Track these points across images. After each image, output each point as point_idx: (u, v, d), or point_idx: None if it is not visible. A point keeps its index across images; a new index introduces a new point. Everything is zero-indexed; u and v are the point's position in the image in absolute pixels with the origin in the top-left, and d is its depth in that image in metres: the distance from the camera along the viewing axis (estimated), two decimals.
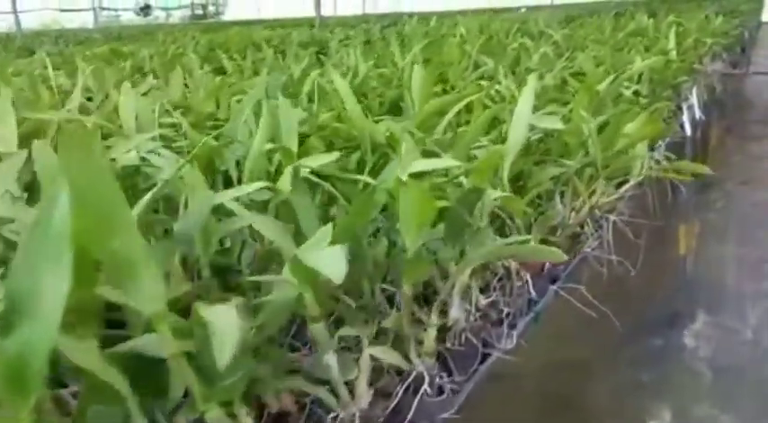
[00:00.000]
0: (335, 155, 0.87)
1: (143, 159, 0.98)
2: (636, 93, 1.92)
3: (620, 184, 1.41)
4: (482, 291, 0.93)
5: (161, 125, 1.33)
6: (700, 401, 1.89)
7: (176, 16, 26.40)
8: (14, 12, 10.07)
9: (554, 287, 1.06)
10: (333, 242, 0.59)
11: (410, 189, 0.61)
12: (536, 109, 1.68)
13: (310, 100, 1.72)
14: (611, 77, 1.72)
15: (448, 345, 0.78)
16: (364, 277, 0.73)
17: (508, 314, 0.92)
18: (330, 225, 0.60)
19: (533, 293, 1.00)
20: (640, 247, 1.47)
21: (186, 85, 1.94)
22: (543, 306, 1.02)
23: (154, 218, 0.80)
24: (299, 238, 0.66)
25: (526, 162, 1.26)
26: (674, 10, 4.88)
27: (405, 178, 0.65)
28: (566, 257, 0.66)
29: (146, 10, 26.79)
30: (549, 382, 1.86)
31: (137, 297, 0.43)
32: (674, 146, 2.20)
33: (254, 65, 2.56)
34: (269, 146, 0.92)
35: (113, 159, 0.96)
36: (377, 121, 1.47)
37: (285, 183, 0.84)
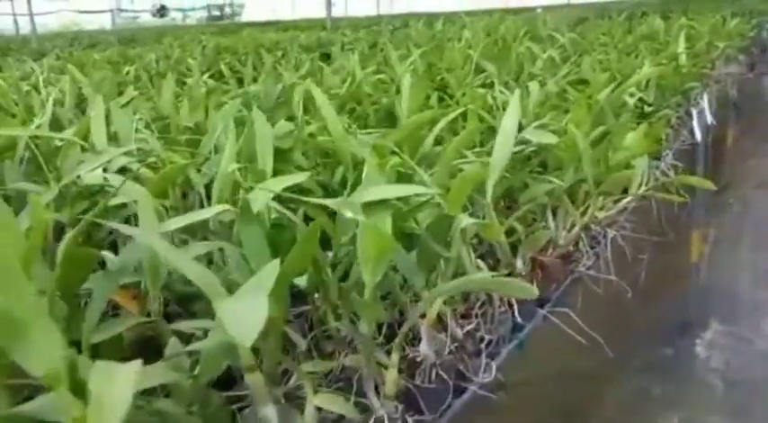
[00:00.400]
0: (304, 175, 0.82)
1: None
2: (641, 100, 1.85)
3: (621, 198, 1.35)
4: (463, 316, 0.88)
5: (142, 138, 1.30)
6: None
7: (193, 18, 26.54)
8: (30, 14, 10.14)
9: (543, 311, 1.01)
10: (279, 278, 0.54)
11: (366, 229, 0.57)
12: (536, 117, 1.63)
13: (306, 110, 1.68)
14: (613, 85, 1.66)
15: (417, 381, 0.73)
16: (324, 311, 0.68)
17: (489, 343, 0.87)
18: (277, 261, 0.55)
19: (519, 319, 0.94)
20: (642, 261, 1.41)
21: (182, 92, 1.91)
22: (529, 332, 0.96)
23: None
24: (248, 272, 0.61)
25: (518, 177, 1.21)
26: (690, 11, 4.79)
27: (360, 214, 0.60)
28: (536, 293, 0.60)
29: (162, 11, 26.95)
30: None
31: (27, 357, 0.38)
32: (684, 153, 2.13)
33: (255, 70, 2.52)
34: (236, 166, 0.88)
35: (78, 177, 0.92)
36: (369, 132, 1.43)
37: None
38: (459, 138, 0.92)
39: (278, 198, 0.91)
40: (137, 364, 0.40)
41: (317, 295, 0.73)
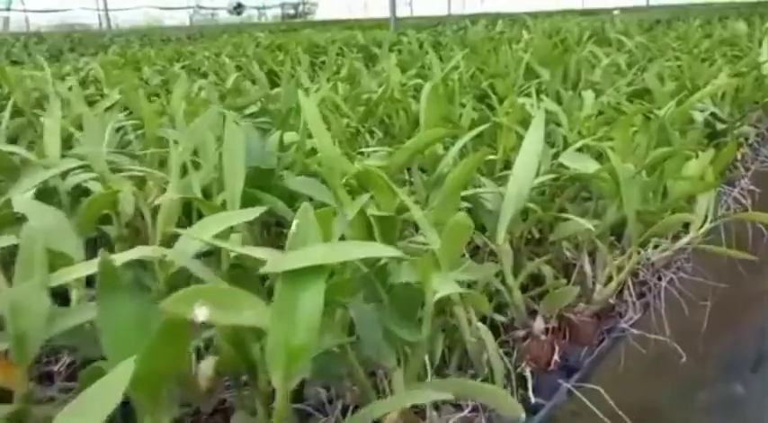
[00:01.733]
0: (257, 211, 0.64)
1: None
2: (713, 116, 1.61)
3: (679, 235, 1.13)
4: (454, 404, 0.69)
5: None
6: None
7: (269, 15, 26.92)
8: (105, 9, 10.39)
9: (567, 385, 0.80)
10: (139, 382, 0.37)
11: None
12: (589, 133, 1.42)
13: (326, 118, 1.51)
14: (678, 98, 1.42)
15: None
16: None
17: None
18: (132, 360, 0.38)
19: (533, 398, 0.75)
20: (704, 315, 1.18)
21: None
22: (547, 416, 0.76)
23: None
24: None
25: (549, 210, 1.00)
26: None
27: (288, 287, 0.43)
28: (523, 416, 0.41)
29: (238, 9, 27.47)
30: None
31: None
32: (764, 177, 1.86)
33: (294, 70, 2.38)
34: (177, 196, 0.71)
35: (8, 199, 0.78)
36: (377, 149, 1.24)
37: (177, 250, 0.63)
38: (467, 163, 0.73)
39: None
40: None
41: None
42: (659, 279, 1.12)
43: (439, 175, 0.99)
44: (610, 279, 0.87)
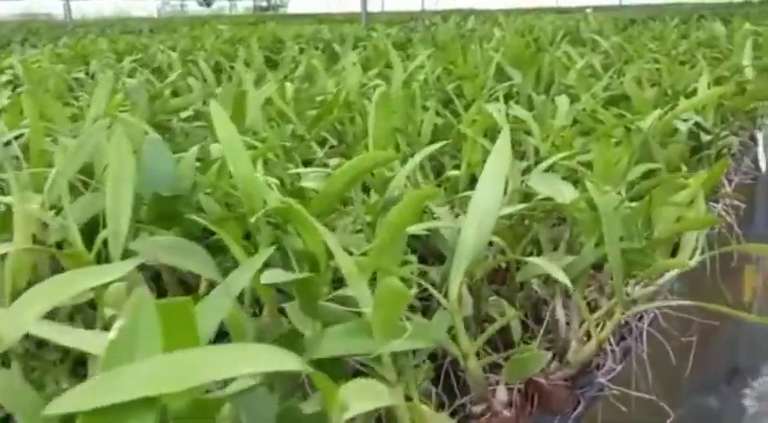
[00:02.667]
0: (127, 264, 0.48)
1: None
2: (697, 125, 1.47)
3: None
4: None
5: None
6: None
7: (240, 7, 26.53)
8: None
9: None
10: None
11: None
12: (564, 144, 1.27)
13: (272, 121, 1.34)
14: (663, 109, 1.28)
15: None
16: None
17: None
18: None
19: None
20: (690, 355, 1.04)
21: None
22: None
23: None
24: None
25: (517, 237, 0.86)
26: (753, 16, 4.31)
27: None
28: None
29: (208, 1, 27.12)
30: None
31: None
32: (746, 189, 1.74)
33: (248, 67, 2.20)
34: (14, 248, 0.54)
35: None
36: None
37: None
38: (410, 199, 0.58)
39: None
40: None
41: None
42: (640, 319, 0.98)
43: (388, 200, 0.84)
44: (588, 336, 0.72)
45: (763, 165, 1.97)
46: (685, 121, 1.40)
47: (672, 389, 0.94)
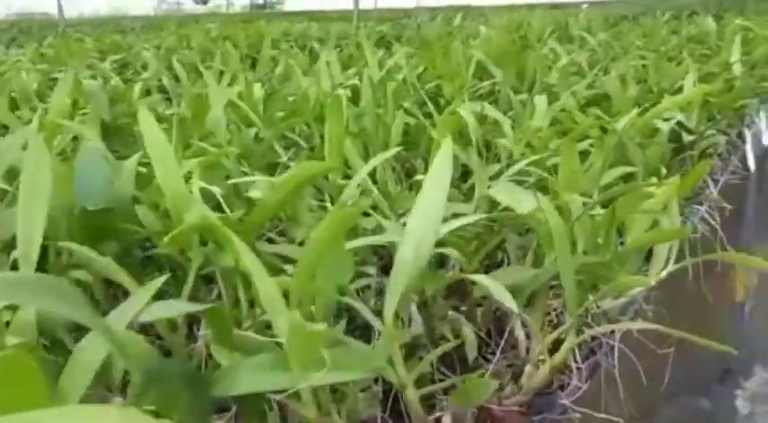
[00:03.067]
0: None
1: None
2: (680, 125, 1.42)
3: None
4: None
5: None
6: None
7: (237, 5, 26.48)
8: None
9: None
10: None
11: None
12: (540, 146, 1.22)
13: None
14: (642, 108, 1.24)
15: None
16: None
17: None
18: None
19: None
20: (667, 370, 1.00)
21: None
22: None
23: None
24: None
25: (476, 253, 0.81)
26: (747, 12, 4.25)
27: None
28: None
29: None
30: None
31: None
32: (733, 189, 1.69)
33: (225, 67, 2.15)
34: None
35: None
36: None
37: None
38: (331, 222, 0.52)
39: None
40: None
41: None
42: (612, 332, 0.93)
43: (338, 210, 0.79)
44: (542, 360, 0.67)
45: (751, 163, 1.92)
46: (667, 120, 1.35)
47: (645, 407, 0.89)
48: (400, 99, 1.57)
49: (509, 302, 0.54)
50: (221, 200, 0.74)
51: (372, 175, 1.23)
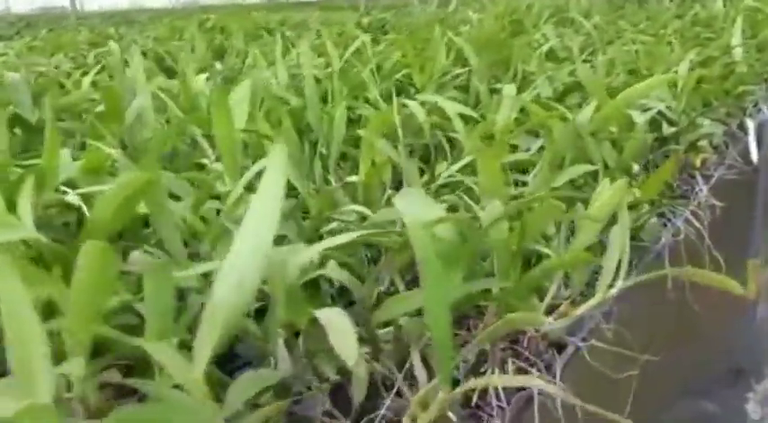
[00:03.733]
0: None
1: None
2: (662, 115, 1.28)
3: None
4: None
5: None
6: None
7: None
8: None
9: None
10: None
11: None
12: (502, 143, 1.10)
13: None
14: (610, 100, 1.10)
15: None
16: None
17: None
18: None
19: None
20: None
21: None
22: None
23: None
24: None
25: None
26: None
27: None
28: None
29: None
30: None
31: None
32: (731, 185, 1.54)
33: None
34: None
35: None
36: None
37: None
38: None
39: None
40: None
41: None
42: (560, 351, 0.81)
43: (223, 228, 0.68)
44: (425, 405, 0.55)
45: (754, 156, 1.77)
46: (646, 110, 1.21)
47: None
48: (363, 90, 1.46)
49: (346, 353, 0.42)
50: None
51: (311, 175, 1.12)
